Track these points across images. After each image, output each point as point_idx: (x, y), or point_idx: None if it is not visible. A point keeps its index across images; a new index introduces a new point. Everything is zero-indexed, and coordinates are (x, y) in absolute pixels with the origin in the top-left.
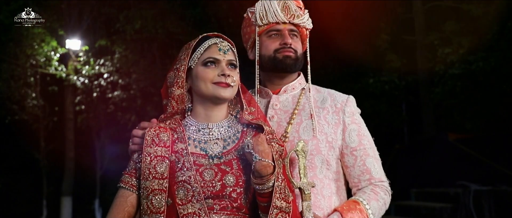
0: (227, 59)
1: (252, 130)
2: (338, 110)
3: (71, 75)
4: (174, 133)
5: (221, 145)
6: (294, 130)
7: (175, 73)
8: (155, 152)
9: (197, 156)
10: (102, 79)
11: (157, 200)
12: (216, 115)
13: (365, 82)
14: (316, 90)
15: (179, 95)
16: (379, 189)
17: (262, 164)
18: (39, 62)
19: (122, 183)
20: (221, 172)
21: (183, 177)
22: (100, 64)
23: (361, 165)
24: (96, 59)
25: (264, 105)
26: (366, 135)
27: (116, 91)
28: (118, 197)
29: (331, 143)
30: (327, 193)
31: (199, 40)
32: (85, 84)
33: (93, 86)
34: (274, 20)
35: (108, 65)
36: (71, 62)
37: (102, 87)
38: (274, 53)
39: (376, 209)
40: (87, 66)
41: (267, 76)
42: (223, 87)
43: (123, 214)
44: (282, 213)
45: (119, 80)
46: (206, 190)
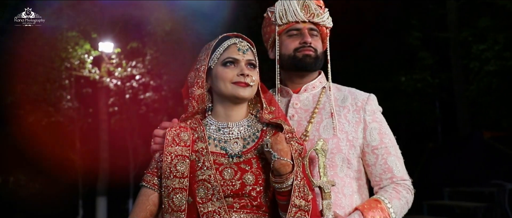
0: (246, 59)
1: (272, 129)
2: (359, 108)
3: (104, 77)
4: (194, 132)
5: (241, 144)
6: (314, 129)
7: (196, 74)
8: (176, 151)
9: (217, 155)
10: (134, 81)
11: (178, 198)
12: (236, 114)
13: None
14: (337, 89)
15: (199, 95)
16: (401, 187)
17: (281, 162)
18: (74, 65)
19: (144, 182)
20: (241, 171)
21: (203, 176)
22: (132, 66)
23: (382, 163)
24: (128, 61)
25: (284, 105)
26: (387, 133)
27: (147, 93)
28: (141, 196)
29: (351, 142)
30: (348, 192)
31: (218, 40)
32: (117, 86)
33: (126, 88)
34: (294, 19)
35: (140, 67)
36: (104, 65)
37: (134, 89)
38: (293, 52)
39: (398, 207)
40: (119, 68)
41: (288, 75)
42: (242, 87)
43: (146, 213)
44: (301, 212)
45: (150, 81)
46: (225, 188)
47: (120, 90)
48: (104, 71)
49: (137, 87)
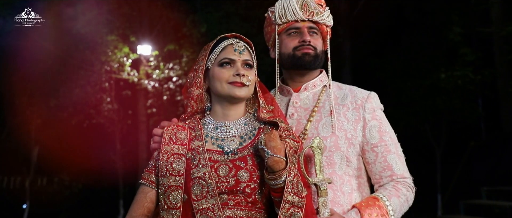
0: (243, 59)
1: (268, 127)
2: (358, 107)
3: (143, 80)
4: (192, 131)
5: (237, 142)
6: (313, 127)
7: (194, 74)
8: (172, 150)
9: (213, 153)
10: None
11: (173, 196)
12: (234, 114)
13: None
14: (338, 87)
15: (197, 95)
16: (400, 185)
17: (274, 159)
18: (113, 68)
19: (143, 179)
20: (236, 168)
21: (199, 174)
22: (169, 68)
23: (382, 161)
24: (165, 64)
25: (285, 103)
26: (388, 131)
27: None
28: (139, 193)
29: (350, 140)
30: (347, 190)
31: (216, 41)
32: (155, 88)
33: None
34: (293, 18)
35: (177, 69)
36: (142, 67)
37: (171, 90)
38: (293, 51)
39: (397, 205)
40: (157, 71)
41: (288, 74)
42: (238, 87)
43: (143, 210)
44: (294, 208)
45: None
46: (220, 185)
47: (158, 92)
48: (143, 73)
49: (174, 88)
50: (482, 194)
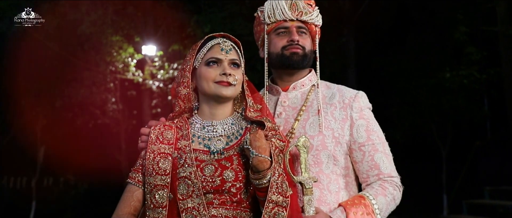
0: (229, 59)
1: (255, 127)
2: (346, 106)
3: (147, 80)
4: (179, 131)
5: (224, 141)
6: (300, 126)
7: (182, 74)
8: (159, 149)
9: (199, 152)
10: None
11: (159, 195)
12: (221, 113)
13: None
14: (326, 86)
15: (185, 94)
16: (388, 184)
17: (259, 159)
18: (118, 68)
19: (130, 178)
20: (221, 167)
21: (185, 173)
22: (173, 68)
23: (369, 160)
24: (170, 64)
25: (274, 102)
26: (375, 130)
27: None
28: (126, 192)
29: (337, 139)
30: (334, 188)
31: (204, 40)
32: (160, 88)
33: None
34: (282, 18)
35: None
36: (147, 67)
37: None
38: (281, 50)
39: (383, 204)
40: (162, 71)
41: (277, 73)
42: (224, 86)
43: (129, 209)
44: (278, 207)
45: None
46: (206, 185)
47: (163, 92)
48: (147, 73)
49: None
50: (484, 194)
